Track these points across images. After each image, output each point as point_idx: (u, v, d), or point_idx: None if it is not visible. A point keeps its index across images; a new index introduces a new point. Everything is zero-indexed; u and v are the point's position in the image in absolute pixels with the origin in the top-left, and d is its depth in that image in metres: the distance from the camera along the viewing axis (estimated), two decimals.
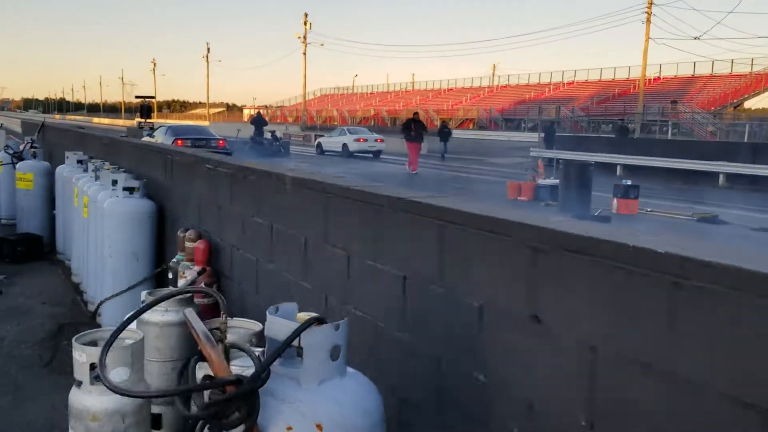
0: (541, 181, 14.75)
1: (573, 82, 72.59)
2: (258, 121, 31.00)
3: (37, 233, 8.16)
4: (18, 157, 9.69)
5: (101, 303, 5.21)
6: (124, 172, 6.07)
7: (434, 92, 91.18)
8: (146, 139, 25.11)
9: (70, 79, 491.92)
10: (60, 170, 7.78)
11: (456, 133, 59.50)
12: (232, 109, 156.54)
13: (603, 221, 11.70)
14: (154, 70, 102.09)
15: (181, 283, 4.05)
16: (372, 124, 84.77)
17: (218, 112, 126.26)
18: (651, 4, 43.59)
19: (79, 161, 7.51)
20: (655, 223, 11.75)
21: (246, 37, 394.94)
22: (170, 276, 4.42)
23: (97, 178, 6.22)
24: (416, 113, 24.71)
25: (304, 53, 69.13)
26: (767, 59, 52.44)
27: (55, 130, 11.65)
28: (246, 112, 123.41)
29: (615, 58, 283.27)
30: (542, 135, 28.47)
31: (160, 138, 23.06)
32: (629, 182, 13.08)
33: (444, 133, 29.65)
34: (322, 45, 70.84)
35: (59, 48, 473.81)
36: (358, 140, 30.03)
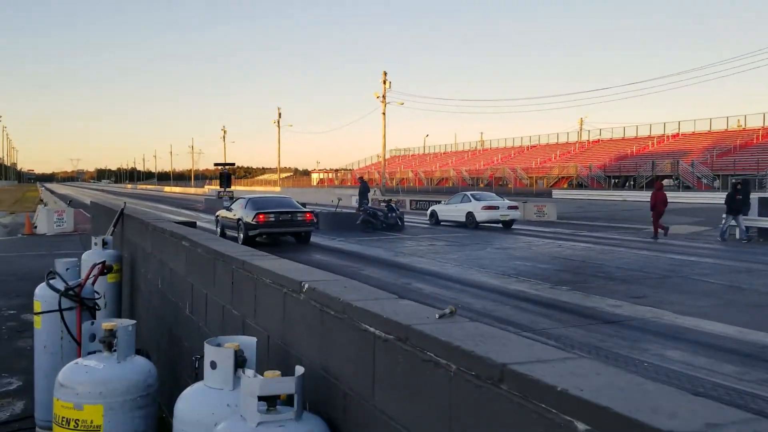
0: None
1: (678, 134, 65.72)
2: (365, 188, 25.94)
3: None
4: (74, 298, 4.42)
5: None
6: None
7: (516, 149, 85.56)
8: (223, 212, 20.03)
9: (141, 149, 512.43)
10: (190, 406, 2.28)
11: (564, 193, 52.82)
12: (298, 174, 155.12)
13: None
14: (224, 137, 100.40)
15: None
16: (451, 184, 79.63)
17: (286, 177, 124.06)
18: None
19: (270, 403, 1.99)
20: None
21: (310, 101, 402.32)
22: None
23: None
24: None
25: (384, 113, 64.90)
26: None
27: (142, 228, 6.39)
28: (314, 176, 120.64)
29: (710, 109, 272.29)
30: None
31: (239, 212, 18.02)
32: None
33: (738, 201, 20.33)
34: (402, 104, 66.14)
35: (131, 119, 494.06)
36: (487, 208, 24.38)
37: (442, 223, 26.02)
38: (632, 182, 55.45)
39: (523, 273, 12.77)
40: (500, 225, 24.53)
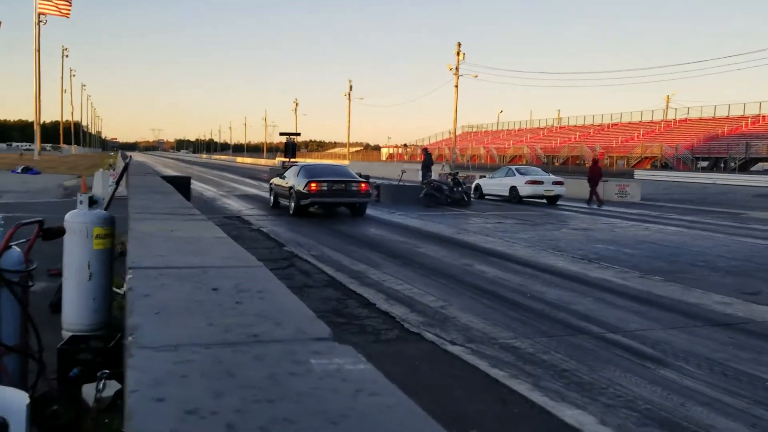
0: None
1: None
2: (429, 161, 24.45)
3: None
4: None
5: None
6: None
7: (595, 127, 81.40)
8: (276, 180, 18.59)
9: (218, 120, 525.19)
10: None
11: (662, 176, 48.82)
12: (368, 148, 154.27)
13: None
14: (296, 109, 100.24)
15: None
16: (525, 162, 76.63)
17: (356, 151, 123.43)
18: None
19: None
20: None
21: (381, 76, 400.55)
22: None
23: None
24: None
25: (456, 86, 62.44)
26: None
27: (145, 186, 5.15)
28: (384, 151, 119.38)
29: None
30: None
31: (291, 180, 16.77)
32: None
33: None
34: (476, 76, 63.53)
35: (210, 92, 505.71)
36: (530, 182, 23.34)
37: (486, 197, 25.26)
38: (723, 164, 51.33)
39: (605, 258, 11.00)
40: (545, 201, 23.29)
